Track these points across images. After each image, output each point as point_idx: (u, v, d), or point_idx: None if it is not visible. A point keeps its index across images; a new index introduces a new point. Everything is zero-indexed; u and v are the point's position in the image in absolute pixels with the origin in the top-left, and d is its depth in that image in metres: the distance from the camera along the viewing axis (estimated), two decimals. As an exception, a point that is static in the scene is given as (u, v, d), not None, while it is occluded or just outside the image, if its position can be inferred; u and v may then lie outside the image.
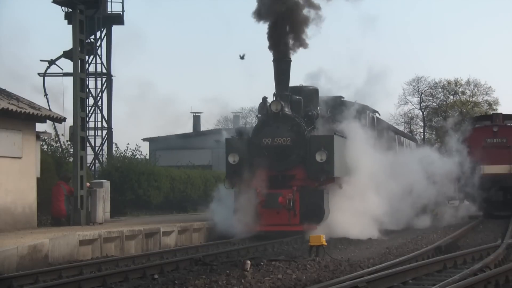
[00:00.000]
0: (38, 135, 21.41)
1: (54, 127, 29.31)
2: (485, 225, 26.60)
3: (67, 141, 26.38)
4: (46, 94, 31.82)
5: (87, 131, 28.39)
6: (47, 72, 32.29)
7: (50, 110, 23.68)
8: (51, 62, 32.02)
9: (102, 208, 21.49)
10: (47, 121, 21.47)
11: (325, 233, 16.80)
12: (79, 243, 16.37)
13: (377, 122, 27.36)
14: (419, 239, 20.41)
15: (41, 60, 32.27)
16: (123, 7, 34.44)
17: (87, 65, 31.89)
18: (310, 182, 20.44)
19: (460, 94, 68.41)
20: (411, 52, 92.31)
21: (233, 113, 54.09)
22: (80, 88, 21.04)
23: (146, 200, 29.21)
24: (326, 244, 15.57)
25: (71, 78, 21.55)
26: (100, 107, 34.02)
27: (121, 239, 17.82)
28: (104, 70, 34.02)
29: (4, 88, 20.96)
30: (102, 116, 34.10)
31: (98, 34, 33.77)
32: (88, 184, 21.50)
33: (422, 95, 68.42)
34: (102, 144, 34.20)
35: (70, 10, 21.95)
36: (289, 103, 21.03)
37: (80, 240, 16.41)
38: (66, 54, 30.16)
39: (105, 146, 34.28)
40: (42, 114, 20.33)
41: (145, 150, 42.04)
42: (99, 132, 34.22)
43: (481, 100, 68.21)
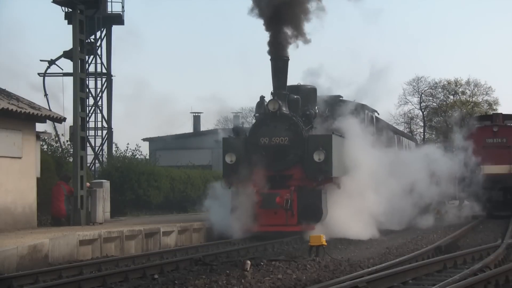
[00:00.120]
0: (38, 135, 21.40)
1: (54, 127, 29.32)
2: (485, 225, 26.57)
3: (67, 141, 26.42)
4: (46, 94, 31.87)
5: (87, 131, 28.41)
6: (47, 72, 32.36)
7: (50, 110, 23.67)
8: (51, 62, 32.03)
9: (102, 208, 21.49)
10: (47, 121, 21.46)
11: (323, 233, 16.73)
12: (79, 243, 16.36)
13: (376, 121, 27.27)
14: (419, 239, 20.38)
15: (41, 60, 32.37)
16: (123, 7, 34.56)
17: (87, 65, 31.93)
18: (308, 182, 20.30)
19: (460, 94, 68.46)
20: (411, 52, 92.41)
21: (233, 113, 54.09)
22: (80, 88, 21.03)
23: (146, 200, 29.20)
24: (326, 244, 15.56)
25: (71, 78, 21.56)
26: (100, 107, 34.08)
27: (121, 239, 17.80)
28: (104, 70, 34.07)
29: (4, 88, 20.97)
30: (102, 116, 34.15)
31: (98, 34, 33.87)
32: (88, 184, 21.49)
33: (422, 95, 68.46)
34: (102, 144, 34.23)
35: (70, 10, 21.94)
36: (286, 102, 20.87)
37: (80, 240, 16.40)
38: (66, 54, 30.15)
39: (105, 146, 34.31)
40: (42, 114, 20.32)
41: (145, 150, 42.12)
42: (99, 132, 34.31)
43: (481, 100, 68.30)
